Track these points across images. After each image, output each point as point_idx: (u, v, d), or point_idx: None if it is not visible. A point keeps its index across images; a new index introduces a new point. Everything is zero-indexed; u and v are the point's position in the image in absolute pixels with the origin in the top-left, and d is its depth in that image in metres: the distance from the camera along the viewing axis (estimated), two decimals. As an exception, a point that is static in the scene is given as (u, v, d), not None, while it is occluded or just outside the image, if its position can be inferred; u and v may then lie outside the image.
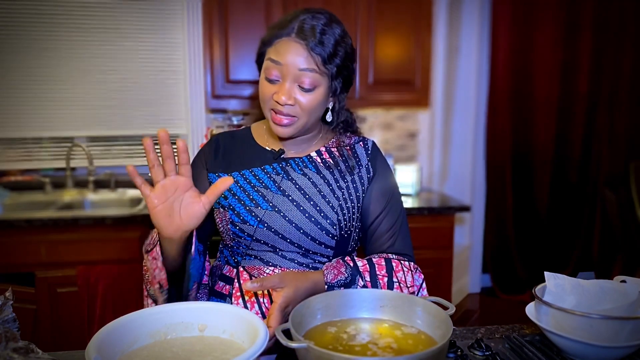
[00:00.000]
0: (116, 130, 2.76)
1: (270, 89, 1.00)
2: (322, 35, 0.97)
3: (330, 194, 1.06)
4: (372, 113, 3.02)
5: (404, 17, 2.61)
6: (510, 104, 3.37)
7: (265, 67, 1.01)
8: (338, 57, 1.00)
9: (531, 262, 3.55)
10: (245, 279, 1.05)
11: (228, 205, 1.06)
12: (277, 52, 0.98)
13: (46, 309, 2.12)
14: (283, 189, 1.06)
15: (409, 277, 1.02)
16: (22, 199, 2.46)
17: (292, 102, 0.98)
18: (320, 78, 0.99)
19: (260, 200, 1.05)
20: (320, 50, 0.97)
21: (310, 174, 1.07)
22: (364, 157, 1.12)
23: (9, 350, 0.73)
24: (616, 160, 3.44)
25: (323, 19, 0.98)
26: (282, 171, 1.08)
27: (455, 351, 0.87)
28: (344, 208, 1.06)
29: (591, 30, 3.32)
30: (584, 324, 0.81)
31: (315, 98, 1.00)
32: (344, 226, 1.05)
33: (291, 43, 0.97)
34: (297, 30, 0.97)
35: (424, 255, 2.44)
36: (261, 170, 1.09)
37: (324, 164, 1.09)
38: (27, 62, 2.61)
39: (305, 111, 1.00)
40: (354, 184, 1.09)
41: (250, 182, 1.07)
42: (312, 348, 0.69)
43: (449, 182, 3.40)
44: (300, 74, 0.97)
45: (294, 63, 0.96)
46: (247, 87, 2.53)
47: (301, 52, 0.96)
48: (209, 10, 2.45)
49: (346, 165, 1.10)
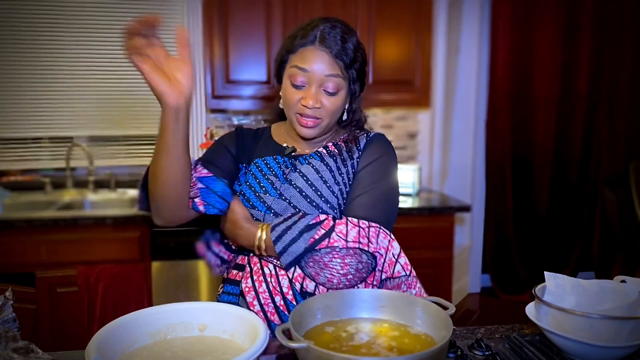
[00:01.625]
0: (116, 130, 2.76)
1: (297, 94, 1.07)
2: (344, 44, 1.06)
3: (331, 179, 1.10)
4: (372, 113, 3.02)
5: (404, 17, 2.61)
6: (510, 104, 3.37)
7: (290, 74, 1.07)
8: (358, 62, 1.09)
9: (531, 262, 3.55)
10: (255, 262, 1.09)
11: (240, 191, 1.13)
12: (303, 59, 1.05)
13: (46, 309, 2.12)
14: (289, 179, 1.11)
15: (352, 232, 1.00)
16: (22, 199, 2.46)
17: (319, 105, 1.06)
18: (342, 82, 1.08)
19: (269, 188, 1.11)
20: (343, 57, 1.06)
21: (315, 162, 1.13)
22: (364, 143, 1.16)
23: (9, 350, 0.72)
24: (616, 160, 3.44)
25: (341, 28, 1.07)
26: (291, 165, 1.14)
27: (455, 351, 0.87)
28: (343, 192, 1.10)
29: (591, 30, 3.32)
30: (584, 324, 0.81)
31: (338, 100, 1.09)
32: (343, 209, 1.10)
33: (316, 51, 1.05)
34: (319, 39, 1.05)
35: (424, 255, 2.44)
36: (273, 159, 1.15)
37: (328, 154, 1.14)
38: (27, 62, 2.61)
39: (329, 113, 1.08)
40: (353, 168, 1.13)
41: (261, 170, 1.14)
42: (312, 348, 0.69)
43: (449, 182, 3.40)
44: (325, 79, 1.06)
45: (320, 70, 1.05)
46: (247, 87, 2.53)
47: (326, 59, 1.05)
48: (209, 10, 2.45)
49: (348, 153, 1.14)
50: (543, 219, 3.53)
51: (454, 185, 3.39)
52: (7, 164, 2.67)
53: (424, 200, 2.62)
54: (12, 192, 2.52)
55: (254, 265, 1.09)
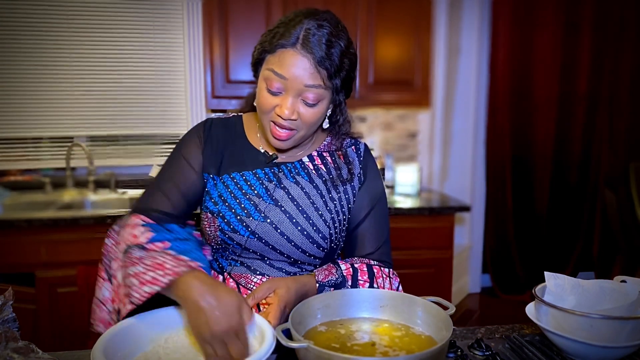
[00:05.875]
0: (116, 130, 2.76)
1: (272, 100, 0.95)
2: (329, 49, 0.92)
3: (323, 206, 1.04)
4: (372, 113, 3.02)
5: (404, 17, 2.61)
6: (510, 104, 3.37)
7: (266, 77, 0.95)
8: (344, 71, 0.96)
9: (531, 262, 3.55)
10: (232, 287, 1.03)
11: (218, 212, 1.02)
12: (281, 64, 0.92)
13: (46, 309, 2.11)
14: (275, 199, 1.03)
15: (387, 283, 1.03)
16: (22, 199, 2.46)
17: (295, 116, 0.95)
18: (324, 92, 0.96)
19: (252, 210, 1.01)
20: (327, 65, 0.92)
21: (303, 182, 1.05)
22: (357, 164, 1.11)
23: (9, 350, 0.72)
24: (616, 160, 3.44)
25: (328, 27, 0.92)
26: (274, 177, 1.05)
27: (455, 351, 0.87)
28: (335, 221, 1.05)
29: (591, 30, 3.32)
30: (584, 324, 0.81)
31: (318, 111, 0.97)
32: (334, 239, 1.05)
33: (297, 56, 0.91)
34: (302, 42, 0.91)
35: (424, 255, 2.44)
36: (252, 174, 1.05)
37: (316, 171, 1.07)
38: (27, 62, 2.61)
39: (307, 124, 0.97)
40: (345, 194, 1.08)
41: (241, 188, 1.03)
42: (312, 348, 0.69)
43: (449, 182, 3.40)
44: (305, 89, 0.93)
45: (299, 78, 0.92)
46: (247, 87, 2.53)
47: (307, 66, 0.91)
48: (209, 10, 2.45)
49: (338, 174, 1.08)
50: (543, 219, 3.53)
51: (454, 185, 3.39)
52: (7, 164, 2.67)
53: (424, 200, 2.62)
54: (12, 192, 2.52)
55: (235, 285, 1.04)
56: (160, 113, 2.79)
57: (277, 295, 0.88)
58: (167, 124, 2.81)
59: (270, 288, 0.89)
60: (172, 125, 2.82)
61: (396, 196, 2.70)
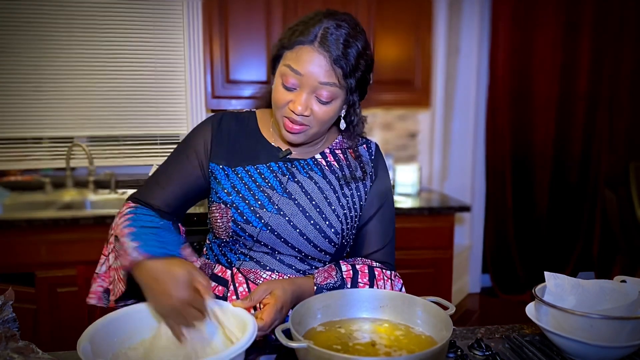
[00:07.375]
0: (116, 130, 2.76)
1: (287, 96, 0.97)
2: (346, 48, 0.93)
3: (336, 201, 1.05)
4: (372, 113, 3.02)
5: (404, 17, 2.61)
6: (510, 104, 3.37)
7: (282, 73, 0.97)
8: (359, 71, 0.97)
9: (531, 262, 3.55)
10: (240, 282, 1.04)
11: (231, 203, 1.02)
12: (298, 60, 0.94)
13: (46, 309, 2.11)
14: (289, 192, 1.04)
15: (387, 286, 1.03)
16: (22, 199, 2.46)
17: (308, 113, 0.96)
18: (338, 91, 0.97)
19: (265, 202, 1.02)
20: (343, 64, 0.94)
21: (317, 178, 1.06)
22: (368, 163, 1.12)
23: (9, 350, 0.73)
24: (616, 160, 3.44)
25: (347, 28, 0.94)
26: (288, 172, 1.06)
27: (455, 351, 0.87)
28: (347, 217, 1.06)
29: (591, 30, 3.32)
30: (584, 324, 0.81)
31: (331, 110, 0.98)
32: (346, 235, 1.06)
33: (313, 53, 0.93)
34: (320, 39, 0.93)
35: (424, 255, 2.43)
36: (266, 167, 1.06)
37: (329, 168, 1.09)
38: (27, 62, 2.61)
39: (319, 121, 0.99)
40: (358, 192, 1.09)
41: (255, 181, 1.04)
42: (312, 348, 0.69)
43: (449, 182, 3.40)
44: (319, 86, 0.94)
45: (314, 75, 0.93)
46: (247, 87, 2.53)
47: (323, 64, 0.93)
48: (209, 10, 2.45)
49: (350, 171, 1.09)
50: (543, 219, 3.53)
51: (454, 185, 3.39)
52: (7, 164, 2.67)
53: (424, 200, 2.62)
54: (12, 192, 2.52)
55: (239, 285, 1.04)
56: (160, 113, 2.79)
57: (274, 295, 0.89)
58: (167, 124, 2.81)
59: (267, 290, 0.90)
60: (172, 125, 2.82)
61: (396, 196, 2.70)
